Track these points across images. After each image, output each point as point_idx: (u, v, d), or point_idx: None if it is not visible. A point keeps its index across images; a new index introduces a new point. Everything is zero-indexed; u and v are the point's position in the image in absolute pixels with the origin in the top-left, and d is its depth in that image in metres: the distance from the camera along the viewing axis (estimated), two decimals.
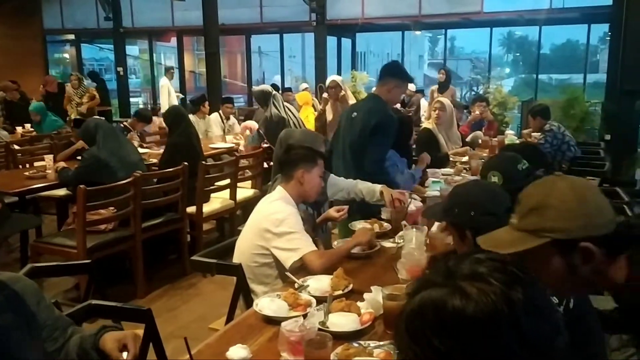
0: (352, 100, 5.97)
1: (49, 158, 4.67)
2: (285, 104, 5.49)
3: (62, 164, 4.44)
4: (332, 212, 2.73)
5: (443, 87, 8.06)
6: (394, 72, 3.39)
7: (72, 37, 15.00)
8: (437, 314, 0.73)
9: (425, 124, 4.99)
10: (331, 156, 3.38)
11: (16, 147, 5.69)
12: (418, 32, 13.51)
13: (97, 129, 4.05)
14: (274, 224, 2.36)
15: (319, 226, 2.84)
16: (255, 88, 6.62)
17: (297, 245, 2.28)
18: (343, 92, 5.99)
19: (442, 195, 3.20)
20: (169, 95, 10.19)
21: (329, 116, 6.08)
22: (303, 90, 8.52)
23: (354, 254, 2.42)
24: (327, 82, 6.23)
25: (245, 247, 2.49)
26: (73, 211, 3.96)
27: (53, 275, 3.23)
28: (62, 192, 4.50)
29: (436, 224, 2.48)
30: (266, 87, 5.72)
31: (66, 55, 17.14)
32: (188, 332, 3.18)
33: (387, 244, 2.59)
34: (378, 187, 2.92)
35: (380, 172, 3.26)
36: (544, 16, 10.23)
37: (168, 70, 10.90)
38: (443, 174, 3.86)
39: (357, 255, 2.43)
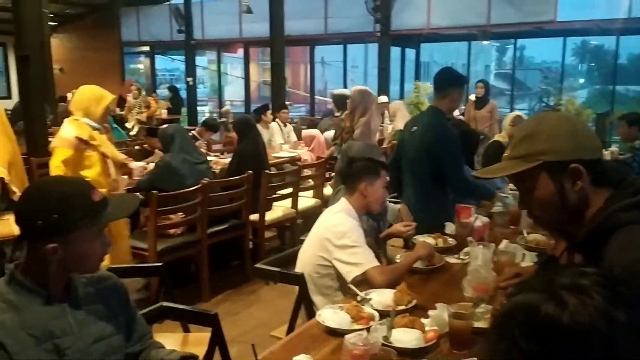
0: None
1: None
2: None
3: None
4: (399, 227, 2.72)
5: (481, 102, 7.33)
6: (453, 80, 3.28)
7: (146, 48, 15.73)
8: (529, 316, 0.73)
9: (497, 136, 4.84)
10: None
11: None
12: (486, 42, 13.23)
13: (174, 136, 4.21)
14: (336, 236, 2.38)
15: (382, 239, 2.83)
16: (335, 91, 6.63)
17: (360, 260, 2.29)
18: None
19: (509, 211, 3.12)
20: None
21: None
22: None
23: (417, 268, 2.40)
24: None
25: (307, 257, 2.52)
26: (145, 215, 4.14)
27: (127, 276, 3.36)
28: None
29: (504, 241, 2.42)
30: (347, 91, 5.71)
31: (140, 66, 17.98)
32: (250, 337, 3.25)
33: (452, 259, 2.54)
34: (397, 206, 2.89)
35: (466, 183, 3.18)
36: (622, 25, 9.76)
37: None
38: (511, 189, 3.75)
39: (420, 270, 2.40)
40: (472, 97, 7.67)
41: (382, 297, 2.07)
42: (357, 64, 21.16)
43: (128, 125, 9.62)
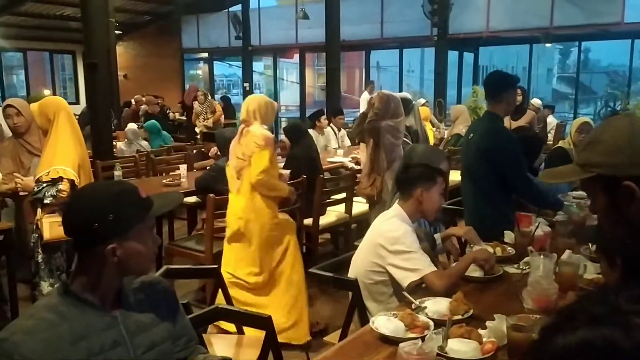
0: None
1: (183, 167, 5.06)
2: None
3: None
4: (456, 229, 2.68)
5: (518, 112, 6.33)
6: (505, 83, 3.20)
7: (205, 55, 16.18)
8: (606, 356, 0.63)
9: (561, 143, 4.65)
10: None
11: (155, 156, 6.23)
12: (548, 45, 12.80)
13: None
14: (389, 241, 2.35)
15: (436, 244, 2.78)
16: (396, 94, 6.53)
17: (416, 265, 2.25)
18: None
19: (573, 220, 2.99)
20: None
21: None
22: (421, 105, 8.42)
23: (474, 278, 2.34)
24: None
25: (361, 263, 2.50)
26: (202, 218, 4.24)
27: (184, 277, 3.48)
28: (192, 199, 4.83)
29: (567, 251, 2.31)
30: (408, 94, 5.64)
31: (199, 72, 18.51)
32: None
33: (511, 269, 2.46)
34: (439, 236, 2.81)
35: (530, 185, 3.09)
36: None
37: None
38: (575, 197, 3.60)
39: (477, 280, 2.34)
40: None
41: (437, 306, 2.02)
42: (413, 68, 20.97)
43: (197, 130, 9.89)
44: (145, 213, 1.42)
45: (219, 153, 4.70)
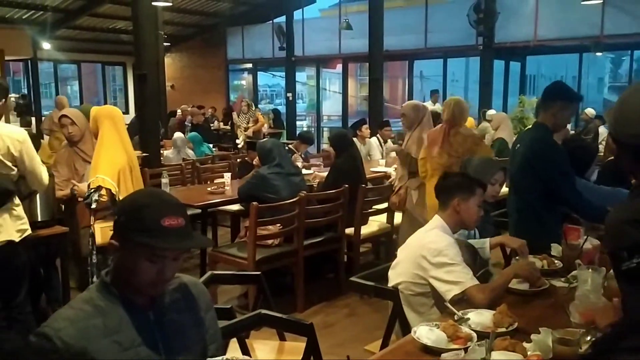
0: None
1: (227, 175, 5.16)
2: None
3: None
4: (511, 240, 2.65)
5: None
6: (557, 93, 3.09)
7: (249, 65, 16.45)
8: None
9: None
10: None
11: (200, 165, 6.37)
12: (599, 54, 12.44)
13: (271, 149, 4.37)
14: (431, 253, 2.33)
15: (479, 257, 2.74)
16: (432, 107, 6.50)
17: (458, 278, 2.23)
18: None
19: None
20: None
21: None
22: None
23: (519, 290, 2.29)
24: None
25: (402, 273, 2.49)
26: (245, 225, 4.31)
27: (228, 283, 3.55)
28: (236, 207, 4.92)
29: None
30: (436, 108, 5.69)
31: (243, 82, 18.84)
32: (343, 350, 3.27)
33: (558, 283, 2.40)
34: (488, 240, 2.75)
35: (578, 195, 2.99)
36: None
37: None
38: None
39: (523, 292, 2.30)
40: None
41: (481, 318, 2.00)
42: (457, 78, 20.72)
43: (238, 140, 10.07)
44: (152, 239, 1.36)
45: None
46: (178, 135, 7.82)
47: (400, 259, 2.53)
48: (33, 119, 12.03)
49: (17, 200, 2.86)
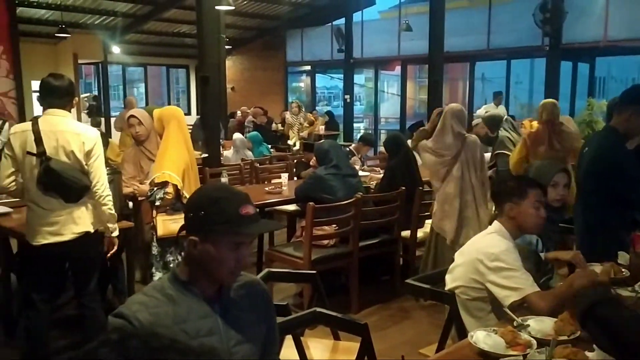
0: None
1: (284, 176, 5.23)
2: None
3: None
4: (563, 253, 2.56)
5: None
6: (632, 98, 2.95)
7: (308, 68, 16.61)
8: None
9: None
10: None
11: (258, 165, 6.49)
12: None
13: (328, 151, 4.40)
14: (488, 257, 2.28)
15: (543, 263, 2.66)
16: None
17: (518, 284, 2.17)
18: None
19: None
20: None
21: None
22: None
23: None
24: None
25: (459, 277, 2.45)
26: (301, 225, 4.36)
27: (284, 280, 3.61)
28: (292, 207, 4.98)
29: None
30: (500, 111, 5.67)
31: (302, 84, 19.04)
32: (397, 353, 3.24)
33: (624, 292, 2.29)
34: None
35: None
36: None
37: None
38: None
39: None
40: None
41: (541, 325, 1.94)
42: (521, 79, 20.10)
43: (290, 142, 10.19)
44: (234, 227, 1.45)
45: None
46: (237, 136, 8.00)
47: (457, 263, 2.49)
48: (102, 119, 12.63)
49: (91, 195, 3.03)
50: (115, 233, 3.15)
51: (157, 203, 3.41)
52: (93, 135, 3.04)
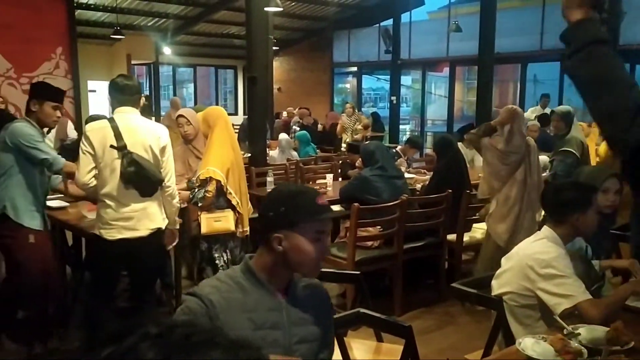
0: None
1: (329, 177, 5.25)
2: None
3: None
4: (619, 261, 2.47)
5: None
6: None
7: (354, 69, 16.59)
8: None
9: None
10: None
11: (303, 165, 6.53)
12: None
13: (374, 152, 4.39)
14: (539, 264, 2.22)
15: (594, 270, 2.57)
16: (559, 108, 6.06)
17: (569, 291, 2.11)
18: None
19: None
20: None
21: None
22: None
23: (638, 308, 2.12)
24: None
25: (507, 283, 2.39)
26: (345, 226, 4.36)
27: (327, 280, 3.59)
28: (337, 208, 4.98)
29: None
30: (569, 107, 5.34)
31: (347, 85, 19.02)
32: (442, 357, 3.21)
33: None
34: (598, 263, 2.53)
35: None
36: None
37: None
38: None
39: None
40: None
41: (592, 334, 1.88)
42: None
43: (344, 144, 10.19)
44: (315, 216, 1.52)
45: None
46: (283, 136, 8.07)
47: (504, 268, 2.44)
48: (153, 118, 13.02)
49: (162, 190, 3.18)
50: (177, 226, 3.33)
51: (200, 204, 3.51)
52: (165, 131, 3.19)
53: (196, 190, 3.52)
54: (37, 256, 3.30)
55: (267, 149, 7.74)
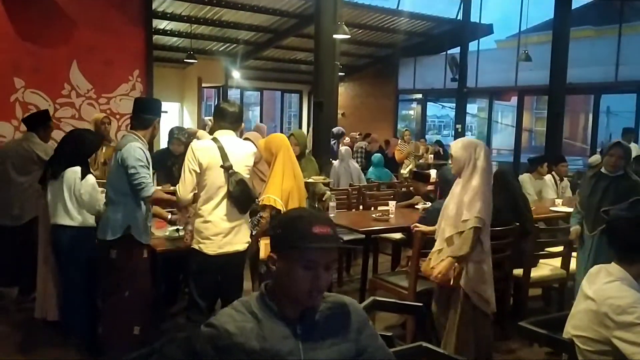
0: None
1: (392, 203, 5.19)
2: None
3: None
4: None
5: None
6: None
7: (419, 96, 16.51)
8: None
9: None
10: None
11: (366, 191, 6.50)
12: None
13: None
14: (614, 311, 2.07)
15: None
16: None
17: None
18: None
19: None
20: None
21: None
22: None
23: None
24: None
25: (580, 326, 2.25)
26: (407, 255, 4.28)
27: (388, 310, 3.53)
28: (397, 236, 4.92)
29: None
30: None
31: (412, 112, 18.93)
32: None
33: None
34: None
35: None
36: None
37: None
38: None
39: None
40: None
41: None
42: None
43: (404, 171, 10.11)
44: (307, 243, 1.46)
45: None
46: (344, 148, 8.07)
47: (578, 309, 2.30)
48: None
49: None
50: None
51: (255, 230, 3.60)
52: (254, 150, 3.44)
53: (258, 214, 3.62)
54: (148, 270, 3.46)
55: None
